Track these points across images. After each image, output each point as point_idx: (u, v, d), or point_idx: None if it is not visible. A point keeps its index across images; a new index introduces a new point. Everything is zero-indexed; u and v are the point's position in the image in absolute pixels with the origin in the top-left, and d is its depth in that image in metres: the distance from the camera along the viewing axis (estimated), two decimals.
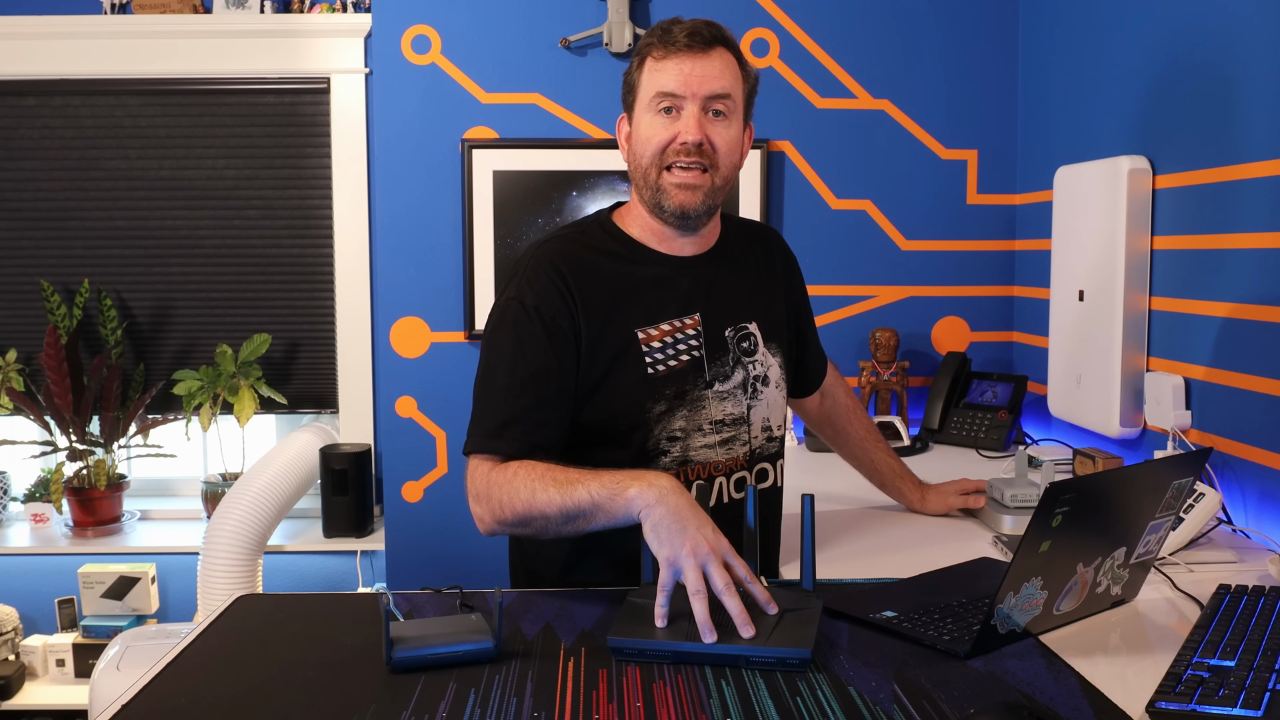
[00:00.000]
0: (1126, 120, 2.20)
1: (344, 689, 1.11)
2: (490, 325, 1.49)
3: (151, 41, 3.01)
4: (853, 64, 2.79)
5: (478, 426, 1.43)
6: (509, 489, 1.35)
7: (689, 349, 1.50)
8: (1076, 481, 1.18)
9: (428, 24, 2.76)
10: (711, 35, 1.45)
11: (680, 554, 1.20)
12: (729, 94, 1.46)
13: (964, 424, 2.57)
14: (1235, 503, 1.81)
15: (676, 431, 1.48)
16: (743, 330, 1.56)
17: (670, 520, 1.23)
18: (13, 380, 3.04)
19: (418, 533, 2.87)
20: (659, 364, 1.48)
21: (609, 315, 1.47)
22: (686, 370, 1.49)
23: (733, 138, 1.48)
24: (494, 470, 1.38)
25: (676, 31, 1.45)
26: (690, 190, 1.46)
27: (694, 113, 1.44)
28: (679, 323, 1.50)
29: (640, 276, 1.51)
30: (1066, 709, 1.05)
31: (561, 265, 1.47)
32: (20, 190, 3.12)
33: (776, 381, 1.59)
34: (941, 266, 2.83)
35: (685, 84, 1.43)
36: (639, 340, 1.48)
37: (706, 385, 1.51)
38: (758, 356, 1.56)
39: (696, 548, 1.20)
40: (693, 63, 1.44)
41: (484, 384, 1.46)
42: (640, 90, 1.48)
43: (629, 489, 1.27)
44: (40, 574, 3.13)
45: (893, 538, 1.74)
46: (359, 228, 3.09)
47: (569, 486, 1.31)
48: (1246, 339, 1.79)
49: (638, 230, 1.54)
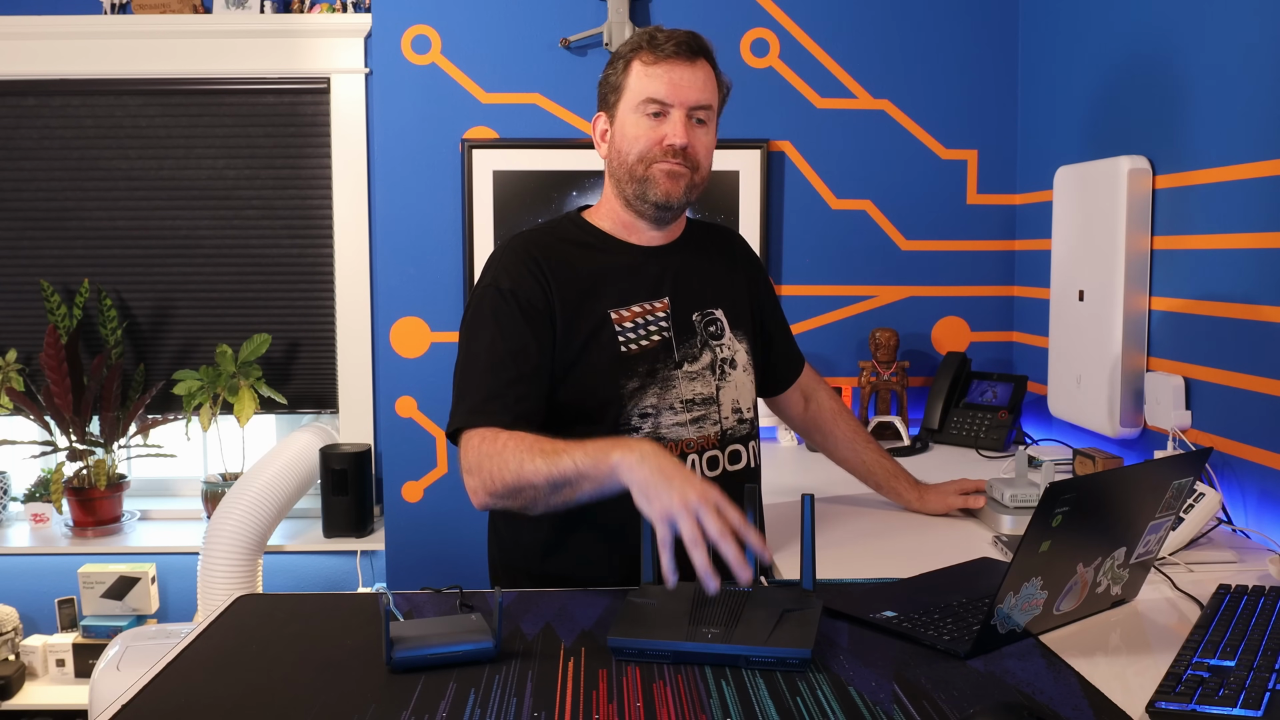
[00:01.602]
0: (1126, 120, 2.20)
1: (344, 689, 1.11)
2: (469, 313, 1.57)
3: (151, 41, 3.01)
4: (853, 64, 2.79)
5: (462, 403, 1.49)
6: (499, 460, 1.39)
7: (659, 330, 1.58)
8: (1076, 481, 1.18)
9: (428, 24, 2.76)
10: (698, 46, 1.57)
11: (673, 506, 1.22)
12: (710, 105, 1.58)
13: (964, 424, 2.57)
14: (1235, 503, 1.81)
15: (648, 408, 1.55)
16: (709, 315, 1.63)
17: (656, 477, 1.26)
18: (13, 380, 3.04)
19: (418, 533, 2.87)
20: (631, 343, 1.55)
21: (582, 297, 1.55)
22: (658, 350, 1.57)
23: (710, 142, 1.61)
24: (484, 443, 1.43)
25: (663, 40, 1.55)
26: (676, 179, 1.55)
27: (680, 118, 1.55)
28: (649, 305, 1.59)
29: (611, 263, 1.60)
30: (1066, 709, 1.05)
31: (535, 251, 1.57)
32: (20, 190, 3.12)
33: (744, 366, 1.66)
34: (941, 266, 2.83)
35: (673, 92, 1.54)
36: (612, 320, 1.56)
37: (676, 365, 1.58)
38: (724, 340, 1.64)
39: (686, 498, 1.22)
40: (680, 72, 1.54)
41: (465, 366, 1.53)
42: (627, 92, 1.57)
43: (612, 455, 1.31)
44: (40, 574, 3.13)
45: (893, 538, 1.74)
46: (359, 228, 3.09)
47: (555, 456, 1.35)
48: (1246, 339, 1.79)
49: (608, 224, 1.64)
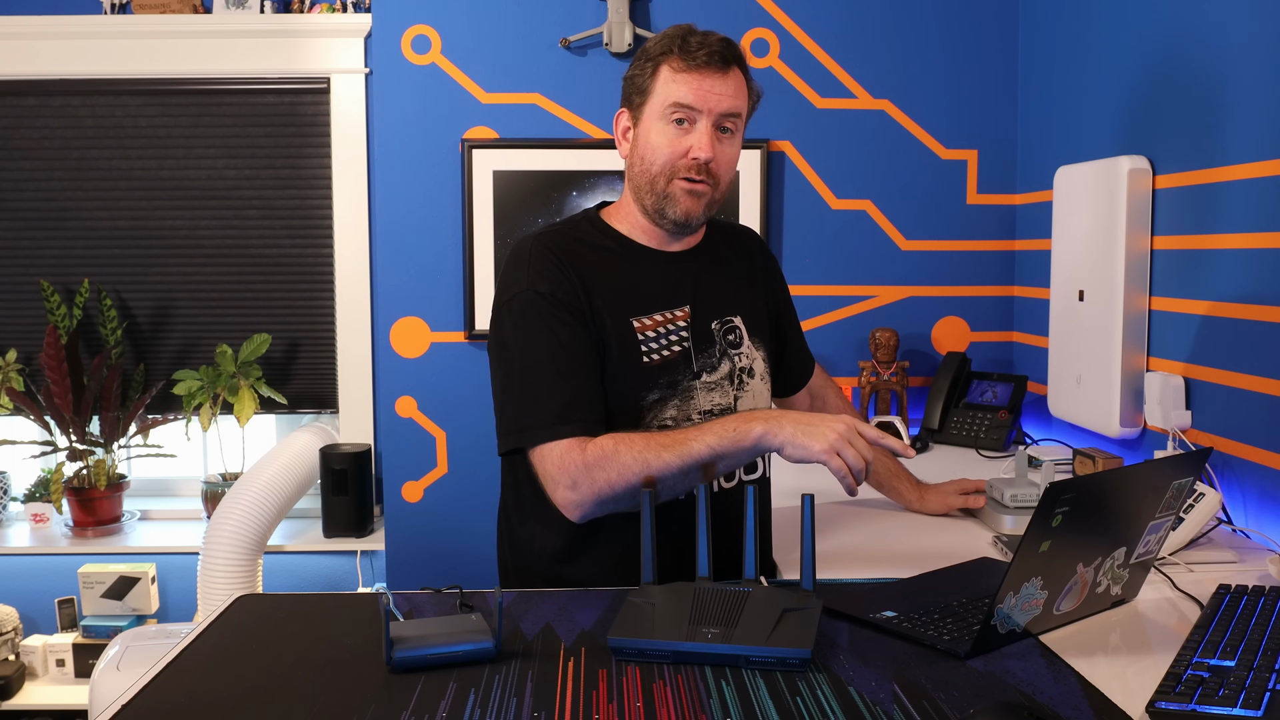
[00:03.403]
0: (1126, 120, 2.20)
1: (344, 689, 1.11)
2: (512, 321, 1.49)
3: (151, 41, 3.01)
4: (853, 64, 2.78)
5: (537, 417, 1.44)
6: (615, 465, 1.39)
7: (679, 340, 1.54)
8: (1076, 481, 1.18)
9: (428, 24, 2.76)
10: (731, 55, 1.52)
11: (834, 442, 1.37)
12: (739, 113, 1.53)
13: (964, 424, 2.57)
14: (1235, 503, 1.80)
15: (668, 421, 1.52)
16: (728, 323, 1.60)
17: (803, 429, 1.38)
18: (13, 380, 3.04)
19: (418, 533, 2.87)
20: (653, 353, 1.52)
21: (606, 303, 1.52)
22: (678, 360, 1.53)
23: (735, 155, 1.56)
24: (580, 453, 1.40)
25: (695, 45, 1.48)
26: (697, 198, 1.52)
27: (707, 129, 1.50)
28: (670, 314, 1.55)
29: (631, 269, 1.55)
30: (1066, 709, 1.05)
31: (560, 254, 1.52)
32: (20, 190, 3.12)
33: (762, 374, 1.63)
34: (941, 266, 2.83)
35: (703, 100, 1.49)
36: (634, 329, 1.51)
37: (695, 376, 1.54)
38: (743, 349, 1.61)
39: (838, 434, 1.37)
40: (712, 80, 1.49)
41: (528, 377, 1.46)
42: (654, 96, 1.51)
43: (753, 428, 1.40)
44: (40, 574, 3.13)
45: (893, 538, 1.74)
46: (359, 228, 3.09)
47: (681, 446, 1.40)
48: (1247, 339, 1.79)
49: (626, 227, 1.59)
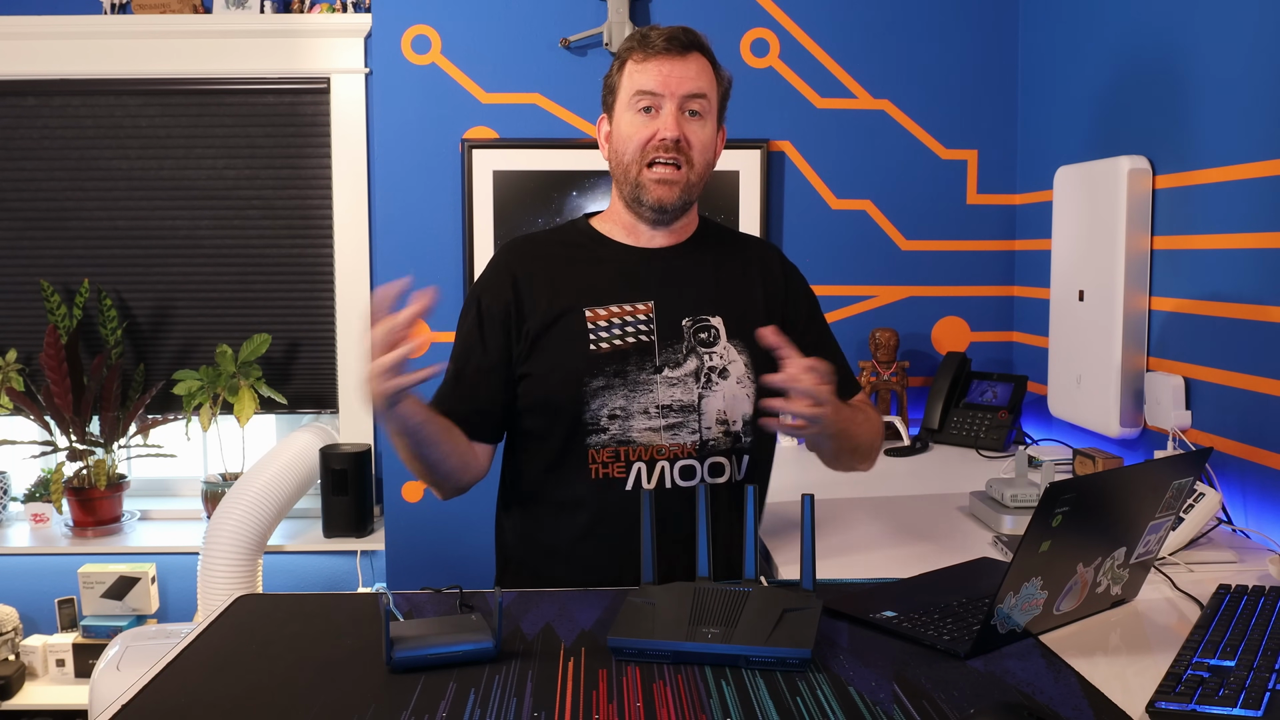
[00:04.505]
0: (1126, 120, 2.20)
1: (344, 689, 1.11)
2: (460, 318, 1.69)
3: (151, 41, 3.01)
4: (853, 64, 2.78)
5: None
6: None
7: (637, 332, 1.58)
8: (1076, 481, 1.18)
9: (428, 24, 2.76)
10: (688, 40, 1.57)
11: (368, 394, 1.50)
12: (705, 94, 1.57)
13: (964, 424, 2.57)
14: (1235, 503, 1.80)
15: (617, 410, 1.55)
16: (702, 321, 1.61)
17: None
18: (13, 380, 3.04)
19: (418, 533, 2.87)
20: (602, 341, 1.57)
21: (555, 293, 1.59)
22: (630, 352, 1.57)
23: (707, 136, 1.59)
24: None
25: (654, 37, 1.57)
26: (668, 185, 1.57)
27: (672, 110, 1.55)
28: (630, 307, 1.59)
29: (597, 264, 1.63)
30: (1066, 709, 1.05)
31: (511, 257, 1.65)
32: (20, 190, 3.12)
33: (739, 377, 1.60)
34: (941, 266, 2.83)
35: (664, 84, 1.55)
36: (586, 317, 1.58)
37: (655, 370, 1.57)
38: (716, 349, 1.60)
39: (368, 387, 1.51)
40: (671, 65, 1.55)
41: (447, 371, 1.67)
42: (620, 90, 1.59)
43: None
44: (40, 574, 3.12)
45: (892, 538, 1.74)
46: (359, 228, 3.09)
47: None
48: (1246, 339, 1.79)
49: (608, 226, 1.66)
